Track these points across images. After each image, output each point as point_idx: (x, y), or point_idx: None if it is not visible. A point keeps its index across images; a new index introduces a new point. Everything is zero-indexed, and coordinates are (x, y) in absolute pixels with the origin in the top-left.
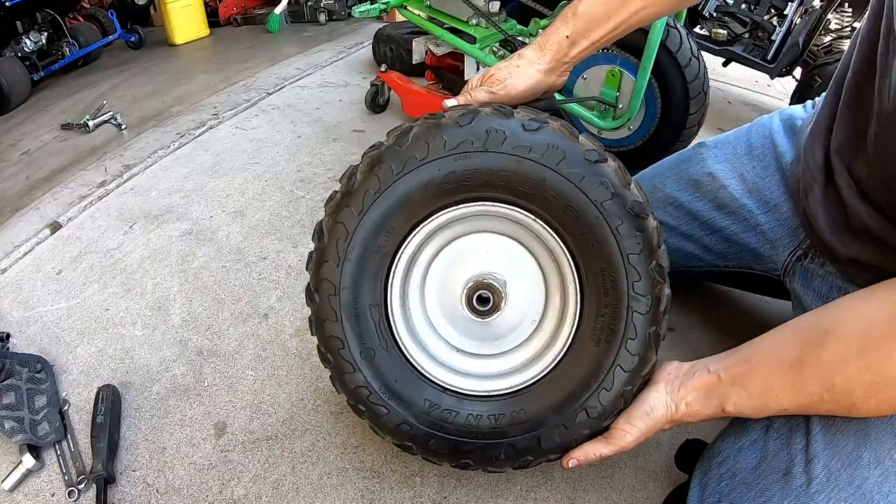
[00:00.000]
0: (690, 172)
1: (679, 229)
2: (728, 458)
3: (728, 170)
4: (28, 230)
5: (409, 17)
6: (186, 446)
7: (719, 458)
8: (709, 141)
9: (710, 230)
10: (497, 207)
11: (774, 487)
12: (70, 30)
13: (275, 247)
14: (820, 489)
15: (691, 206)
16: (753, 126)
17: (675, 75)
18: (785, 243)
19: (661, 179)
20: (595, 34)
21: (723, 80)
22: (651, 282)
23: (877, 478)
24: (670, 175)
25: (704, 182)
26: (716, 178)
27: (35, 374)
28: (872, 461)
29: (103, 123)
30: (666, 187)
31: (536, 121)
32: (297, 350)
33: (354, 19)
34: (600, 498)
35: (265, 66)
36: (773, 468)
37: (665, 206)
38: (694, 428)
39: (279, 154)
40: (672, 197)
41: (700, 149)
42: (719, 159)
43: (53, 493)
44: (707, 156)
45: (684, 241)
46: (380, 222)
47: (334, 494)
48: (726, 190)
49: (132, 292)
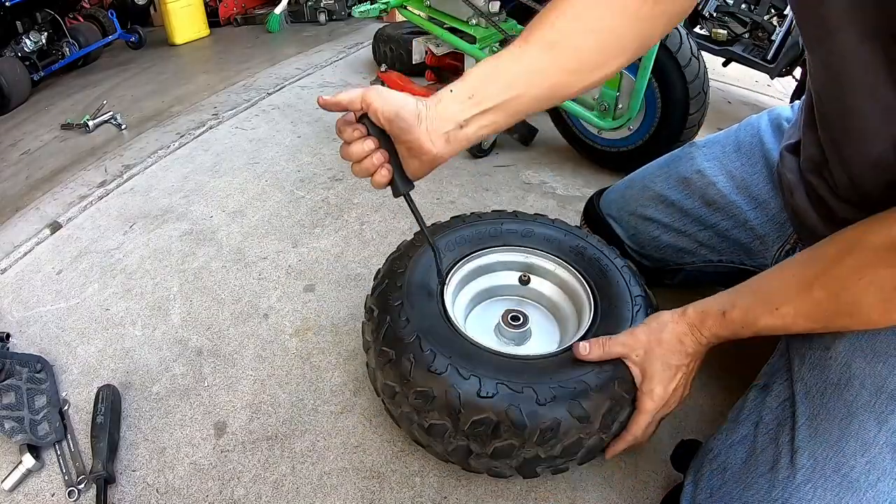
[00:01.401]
0: (680, 171)
1: (672, 226)
2: (719, 454)
3: (716, 167)
4: (28, 230)
5: (409, 17)
6: (186, 446)
7: (711, 455)
8: (699, 140)
9: (702, 226)
10: None
11: (762, 481)
12: (70, 30)
13: (275, 247)
14: (805, 479)
15: (682, 203)
16: (742, 125)
17: (675, 75)
18: (773, 238)
19: (652, 178)
20: (482, 94)
21: (723, 80)
22: None
23: (863, 466)
24: (661, 174)
25: (694, 180)
26: (705, 176)
27: (35, 374)
28: (858, 449)
29: (103, 123)
30: (656, 185)
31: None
32: (297, 350)
33: (354, 19)
34: (600, 498)
35: (265, 66)
36: (761, 461)
37: (656, 204)
38: (692, 429)
39: (279, 154)
40: (662, 195)
41: (690, 148)
42: (708, 157)
43: (53, 493)
44: (696, 154)
45: (677, 236)
46: None
47: (334, 494)
48: (715, 187)
49: (132, 292)
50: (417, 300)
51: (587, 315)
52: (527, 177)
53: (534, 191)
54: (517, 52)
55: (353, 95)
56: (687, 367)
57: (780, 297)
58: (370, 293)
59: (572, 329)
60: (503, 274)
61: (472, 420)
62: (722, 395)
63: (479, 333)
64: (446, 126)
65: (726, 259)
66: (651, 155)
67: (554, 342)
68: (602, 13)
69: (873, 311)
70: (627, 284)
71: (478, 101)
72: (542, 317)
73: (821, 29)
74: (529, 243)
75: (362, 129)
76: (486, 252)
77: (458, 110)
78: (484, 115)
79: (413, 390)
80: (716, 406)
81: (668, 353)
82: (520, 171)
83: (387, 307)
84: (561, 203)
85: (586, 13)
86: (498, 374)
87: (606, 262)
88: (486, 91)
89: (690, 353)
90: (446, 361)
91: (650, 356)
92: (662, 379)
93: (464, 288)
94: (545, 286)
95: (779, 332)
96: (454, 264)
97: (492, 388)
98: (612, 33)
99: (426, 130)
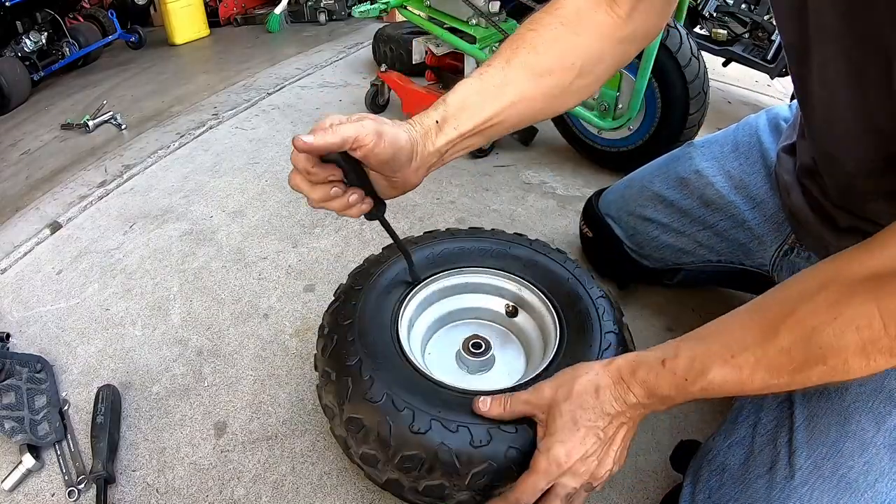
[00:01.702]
0: (678, 171)
1: (671, 226)
2: (718, 454)
3: (715, 167)
4: (28, 230)
5: (409, 17)
6: (186, 446)
7: (710, 456)
8: (697, 140)
9: (700, 226)
10: None
11: (760, 482)
12: (70, 30)
13: (275, 247)
14: (804, 480)
15: (680, 203)
16: (740, 125)
17: (675, 75)
18: (771, 238)
19: (650, 179)
20: (465, 124)
21: (723, 80)
22: None
23: (861, 466)
24: (659, 174)
25: (692, 180)
26: (703, 176)
27: (35, 374)
28: (856, 449)
29: (103, 123)
30: (654, 186)
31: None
32: (297, 350)
33: (354, 19)
34: (600, 498)
35: (265, 66)
36: (760, 462)
37: (655, 204)
38: (692, 429)
39: (279, 154)
40: (661, 195)
41: (688, 148)
42: (706, 157)
43: (53, 493)
44: (695, 154)
45: (676, 236)
46: None
47: (334, 494)
48: (713, 187)
49: (132, 292)
50: (370, 321)
51: (552, 347)
52: (527, 177)
53: (534, 191)
54: (500, 77)
55: (347, 135)
56: (603, 431)
57: (738, 342)
58: (326, 308)
59: (537, 360)
60: (469, 297)
61: (402, 455)
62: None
63: (439, 359)
64: (432, 159)
65: (725, 259)
66: (651, 155)
67: (518, 373)
68: (583, 39)
69: (852, 356)
70: (600, 318)
71: (462, 132)
72: (509, 343)
73: (803, 52)
74: (502, 265)
75: (335, 168)
76: (454, 273)
77: (444, 142)
78: (465, 140)
79: (347, 416)
80: (715, 406)
81: (577, 408)
82: (520, 171)
83: (336, 325)
84: (561, 203)
85: (566, 38)
86: (435, 409)
87: (582, 290)
88: (471, 120)
89: (610, 414)
90: (384, 389)
91: (554, 412)
92: (565, 438)
93: (427, 309)
94: (521, 315)
95: (731, 389)
96: (418, 283)
97: (425, 424)
98: (593, 57)
99: (415, 168)
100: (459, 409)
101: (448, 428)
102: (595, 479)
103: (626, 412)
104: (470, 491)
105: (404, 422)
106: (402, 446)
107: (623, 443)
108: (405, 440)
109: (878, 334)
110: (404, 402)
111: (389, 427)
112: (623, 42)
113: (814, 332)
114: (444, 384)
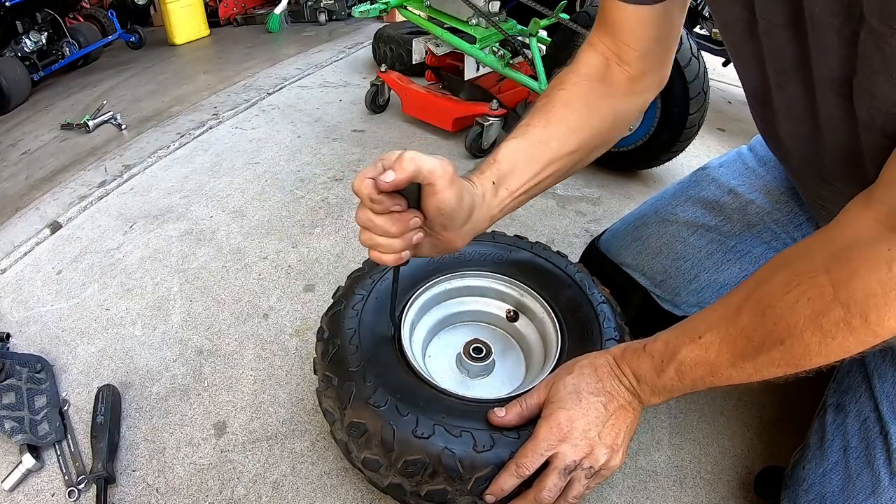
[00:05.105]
0: (704, 195)
1: (714, 257)
2: (814, 483)
3: (748, 184)
4: (28, 230)
5: (409, 17)
6: (186, 446)
7: (805, 486)
8: (711, 163)
9: (747, 246)
10: None
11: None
12: (70, 30)
13: (275, 247)
14: None
15: (720, 229)
16: (754, 143)
17: (675, 75)
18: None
19: (670, 210)
20: (515, 183)
21: (723, 80)
22: None
23: None
24: (678, 203)
25: (726, 201)
26: (739, 195)
27: (35, 374)
28: None
29: (103, 123)
30: (679, 215)
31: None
32: (297, 350)
33: (354, 19)
34: (600, 498)
35: (265, 66)
36: (860, 487)
37: (689, 234)
38: (692, 429)
39: (279, 154)
40: (691, 221)
41: (704, 171)
42: (733, 175)
43: (53, 493)
44: (717, 175)
45: (716, 271)
46: None
47: (334, 494)
48: (754, 204)
49: (132, 292)
50: (372, 327)
51: (553, 353)
52: None
53: None
54: (542, 134)
55: (426, 167)
56: (605, 406)
57: (705, 323)
58: (324, 312)
59: (537, 365)
60: (470, 300)
61: (405, 459)
62: (722, 396)
63: (440, 362)
64: (483, 225)
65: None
66: (651, 154)
67: (519, 378)
68: (608, 101)
69: (807, 331)
70: (601, 324)
71: (512, 191)
72: (510, 348)
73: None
74: (503, 270)
75: (401, 199)
76: (455, 276)
77: (497, 206)
78: (514, 200)
79: (349, 421)
80: (715, 406)
81: (578, 378)
82: None
83: (338, 331)
84: (561, 203)
85: (595, 102)
86: (438, 415)
87: (583, 296)
88: (521, 178)
89: (609, 392)
90: (387, 395)
91: (557, 384)
92: (566, 405)
93: (429, 312)
94: (522, 320)
95: (703, 373)
96: (420, 286)
97: (428, 429)
98: (619, 115)
99: (466, 230)
100: (462, 415)
101: (451, 433)
102: (594, 460)
103: (624, 394)
104: (472, 495)
105: (407, 426)
106: (406, 451)
107: (626, 434)
108: (408, 445)
109: (829, 302)
110: (408, 408)
111: (393, 432)
112: (638, 94)
113: (768, 308)
114: (447, 391)
